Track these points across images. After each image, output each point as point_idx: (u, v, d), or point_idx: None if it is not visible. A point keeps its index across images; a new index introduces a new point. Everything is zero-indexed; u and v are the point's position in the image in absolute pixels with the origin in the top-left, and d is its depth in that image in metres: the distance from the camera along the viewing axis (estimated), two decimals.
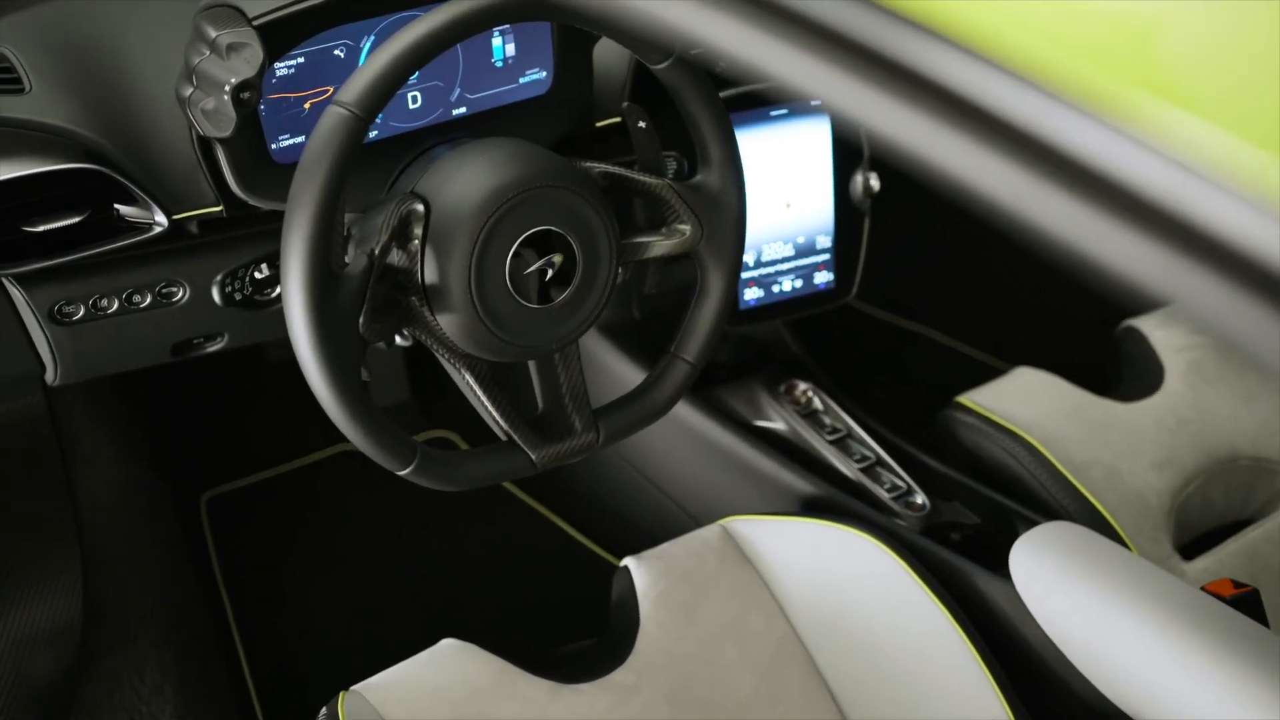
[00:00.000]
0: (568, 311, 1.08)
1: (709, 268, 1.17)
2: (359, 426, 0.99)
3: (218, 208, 1.14)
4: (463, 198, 1.02)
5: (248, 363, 1.96)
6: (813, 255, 1.57)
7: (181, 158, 1.13)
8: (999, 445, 1.50)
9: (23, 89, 1.11)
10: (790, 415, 1.57)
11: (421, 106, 1.18)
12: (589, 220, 1.07)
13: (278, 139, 1.12)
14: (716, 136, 1.13)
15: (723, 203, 1.15)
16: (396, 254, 1.03)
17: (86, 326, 1.17)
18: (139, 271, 1.16)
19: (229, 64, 1.01)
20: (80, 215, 1.09)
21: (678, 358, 1.18)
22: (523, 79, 1.23)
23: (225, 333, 1.25)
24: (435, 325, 1.05)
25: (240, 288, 1.21)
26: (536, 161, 1.06)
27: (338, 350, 0.96)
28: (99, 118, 1.11)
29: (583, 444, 1.13)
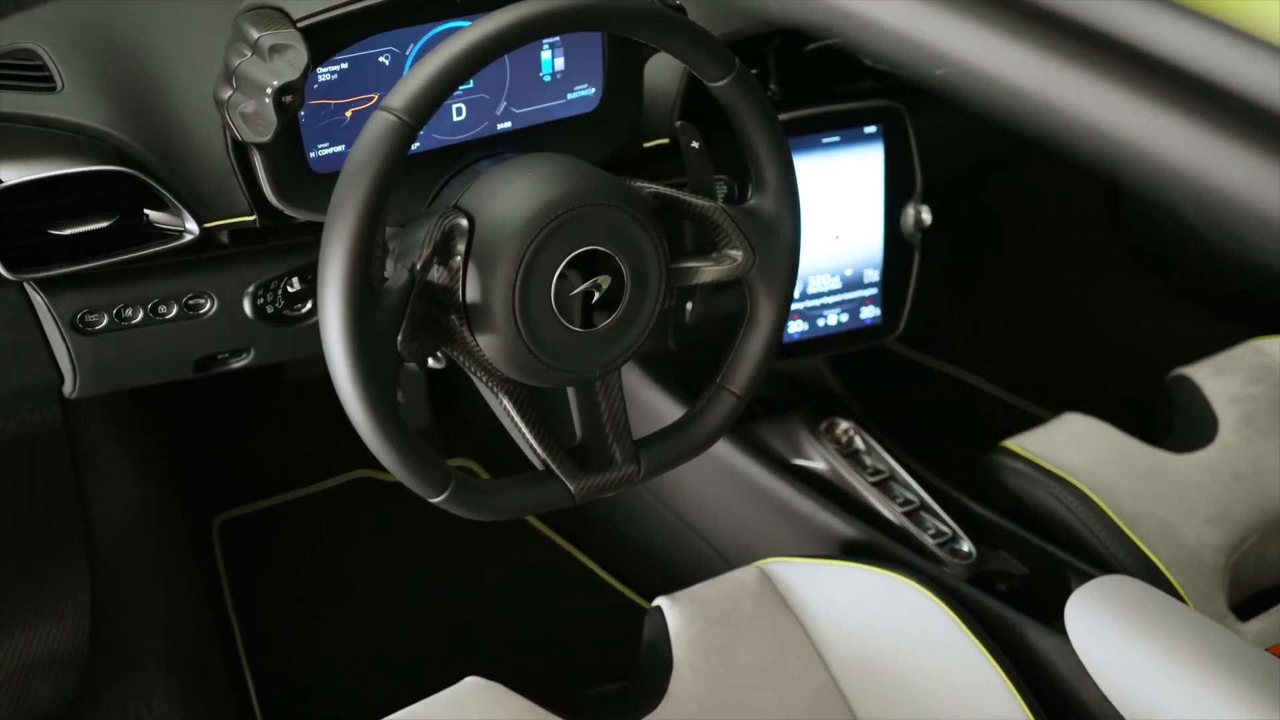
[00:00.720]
0: (613, 336, 1.04)
1: (759, 296, 1.13)
2: (393, 449, 0.95)
3: (251, 217, 1.11)
4: (509, 213, 0.98)
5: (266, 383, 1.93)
6: (860, 289, 1.53)
7: (215, 164, 1.09)
8: (1048, 492, 1.45)
9: (54, 87, 1.08)
10: (831, 455, 1.53)
11: (466, 119, 1.15)
12: (639, 242, 1.03)
13: (317, 147, 1.08)
14: (773, 159, 1.10)
15: (777, 229, 1.11)
16: (437, 270, 0.99)
17: (109, 337, 1.13)
18: (166, 281, 1.13)
19: (271, 66, 0.98)
20: (109, 220, 1.06)
21: (723, 389, 1.14)
22: (571, 95, 1.19)
23: (251, 348, 1.21)
24: (474, 346, 1.01)
25: (272, 300, 1.17)
26: (586, 178, 1.02)
27: (375, 367, 0.92)
28: (132, 119, 1.08)
29: (623, 476, 1.09)
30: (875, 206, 1.49)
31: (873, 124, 1.46)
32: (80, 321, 1.12)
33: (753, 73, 1.06)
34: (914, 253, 1.54)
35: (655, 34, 1.00)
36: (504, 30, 0.93)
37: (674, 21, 1.00)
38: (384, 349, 0.94)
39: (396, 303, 0.94)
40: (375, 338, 0.92)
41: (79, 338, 1.12)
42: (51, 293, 1.09)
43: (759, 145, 1.09)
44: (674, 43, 1.01)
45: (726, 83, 1.05)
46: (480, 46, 0.92)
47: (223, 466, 1.96)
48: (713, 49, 1.03)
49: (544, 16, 0.94)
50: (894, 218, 1.51)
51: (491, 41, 0.93)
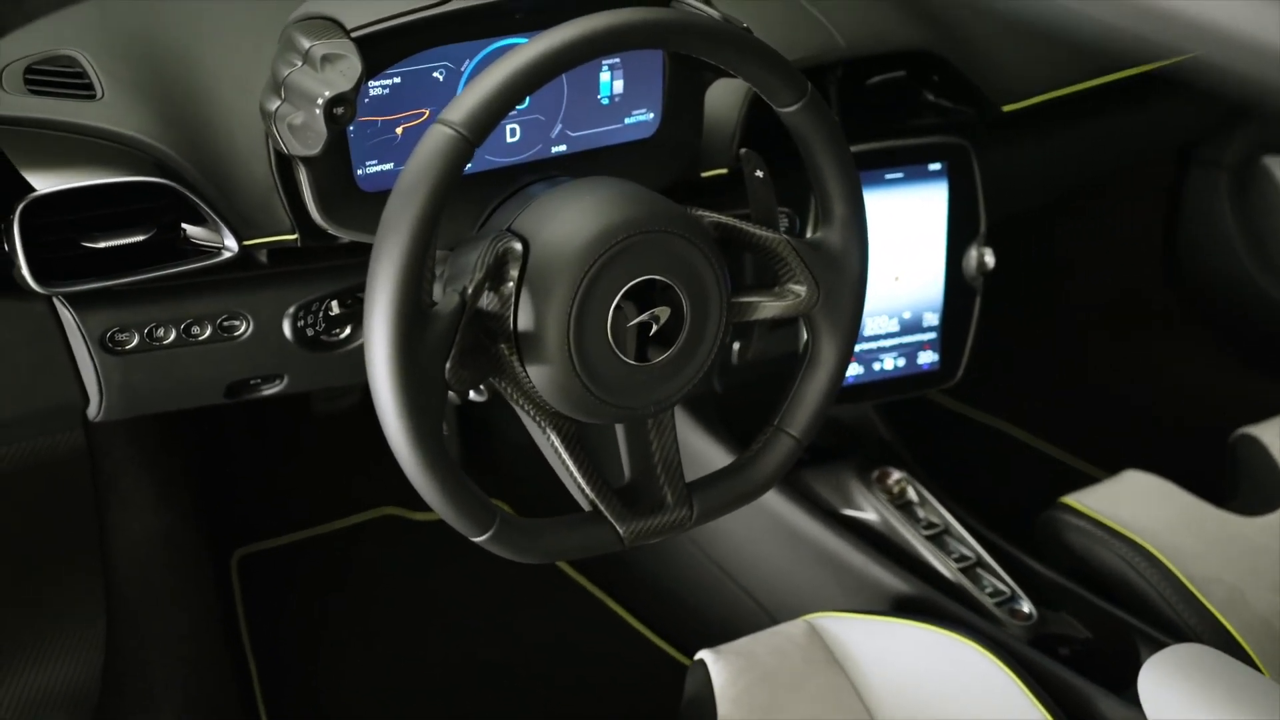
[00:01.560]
0: (669, 372, 0.99)
1: (822, 334, 1.08)
2: (437, 482, 0.90)
3: (292, 236, 1.07)
4: (566, 238, 0.94)
5: (293, 413, 1.89)
6: (918, 333, 1.48)
7: (257, 179, 1.06)
8: (1113, 552, 1.39)
9: (93, 95, 1.05)
10: (883, 506, 1.47)
11: (520, 141, 1.11)
12: (701, 272, 0.98)
13: (365, 164, 1.04)
14: (843, 191, 1.05)
15: (843, 264, 1.07)
16: (488, 297, 0.95)
17: (139, 357, 1.09)
18: (201, 300, 1.09)
19: (323, 76, 0.94)
20: (145, 233, 1.02)
21: (782, 431, 1.09)
22: (628, 119, 1.16)
23: (285, 374, 1.17)
24: (523, 377, 0.96)
25: (312, 323, 1.13)
26: (647, 204, 0.98)
27: (421, 394, 0.88)
28: (172, 130, 1.05)
29: (675, 520, 1.04)
30: (937, 247, 1.45)
31: (937, 161, 1.42)
32: (110, 340, 1.08)
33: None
34: (975, 297, 1.49)
35: (726, 54, 0.96)
36: (571, 44, 0.89)
37: (746, 42, 0.97)
38: (432, 375, 0.89)
39: (446, 327, 0.89)
40: (423, 363, 0.88)
41: (108, 357, 1.08)
42: (81, 309, 1.06)
43: (828, 176, 1.04)
44: (744, 64, 0.97)
45: (798, 108, 1.00)
46: (545, 60, 0.88)
47: (245, 498, 1.92)
48: (785, 72, 0.99)
49: (612, 31, 0.90)
50: (955, 259, 1.46)
51: (557, 55, 0.89)
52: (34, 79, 1.06)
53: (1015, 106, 1.47)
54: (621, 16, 0.91)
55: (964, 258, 1.47)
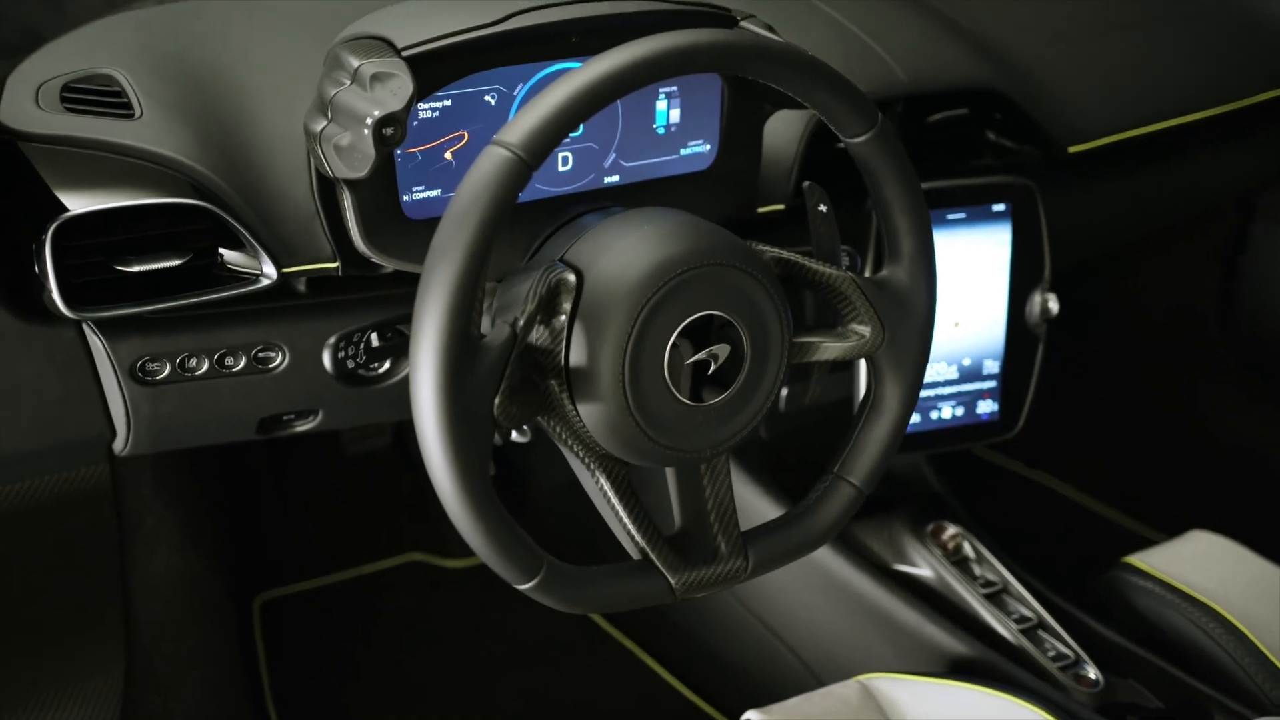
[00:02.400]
0: (727, 413, 0.95)
1: (886, 378, 1.04)
2: (483, 525, 0.86)
3: (333, 264, 1.04)
4: (623, 270, 0.90)
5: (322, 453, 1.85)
6: (978, 381, 1.43)
7: (299, 203, 1.03)
8: (1185, 616, 1.33)
9: (132, 114, 1.02)
10: (937, 562, 1.42)
11: (572, 170, 1.07)
12: (763, 309, 0.94)
13: (411, 190, 1.01)
14: (912, 227, 1.01)
15: (910, 304, 1.02)
16: (539, 330, 0.91)
17: (170, 389, 1.06)
18: (236, 329, 1.05)
19: (372, 95, 0.91)
20: (181, 258, 0.99)
21: (842, 479, 1.04)
22: (684, 150, 1.12)
23: (320, 410, 1.13)
24: (573, 415, 0.92)
25: (352, 355, 1.09)
26: (708, 236, 0.94)
27: (469, 430, 0.83)
28: (212, 151, 1.02)
29: (729, 571, 0.99)
30: (999, 292, 1.41)
31: (1001, 202, 1.38)
32: (140, 370, 1.04)
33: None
34: (1038, 345, 1.45)
35: (795, 80, 0.92)
36: (636, 64, 0.85)
37: (817, 67, 0.93)
38: (480, 411, 0.85)
39: (496, 360, 0.85)
40: (472, 397, 0.84)
41: (137, 388, 1.05)
42: (112, 336, 1.02)
43: (897, 211, 1.00)
44: (814, 91, 0.93)
45: (867, 139, 0.97)
46: (607, 81, 0.85)
47: (269, 540, 1.87)
48: (856, 100, 0.95)
49: (679, 52, 0.86)
50: (1018, 305, 1.42)
51: (620, 76, 0.85)
52: (71, 97, 1.03)
53: (1082, 148, 1.43)
54: (689, 37, 0.87)
55: (1027, 303, 1.42)
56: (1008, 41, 1.45)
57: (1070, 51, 1.49)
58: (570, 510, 0.99)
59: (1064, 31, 1.52)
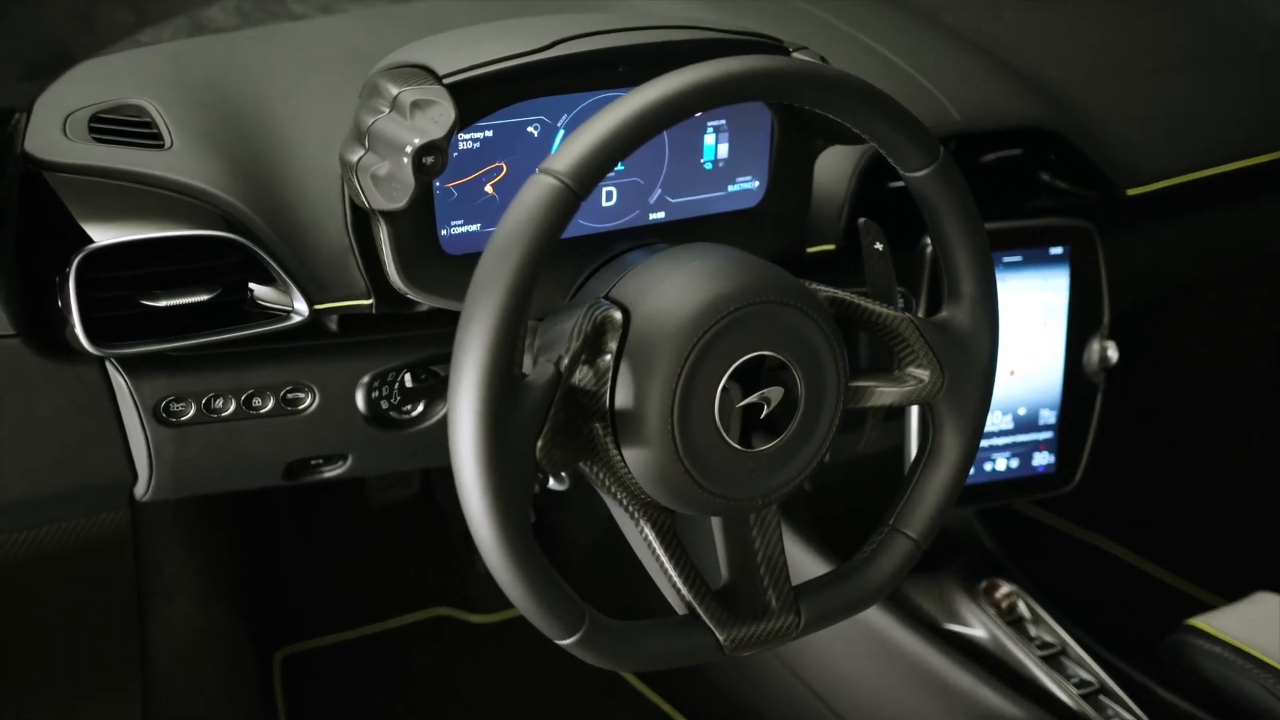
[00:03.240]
0: (780, 460, 0.91)
1: (946, 425, 1.00)
2: (523, 575, 0.82)
3: (366, 301, 1.01)
4: (672, 307, 0.87)
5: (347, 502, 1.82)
6: (1034, 432, 1.39)
7: (332, 238, 1.00)
8: (1257, 683, 1.27)
9: (161, 144, 1.01)
10: (992, 621, 1.37)
11: (616, 205, 1.04)
12: (818, 350, 0.91)
13: (450, 224, 0.98)
14: (974, 266, 0.97)
15: (972, 347, 0.99)
16: (583, 370, 0.87)
17: (195, 430, 1.03)
18: (265, 369, 1.03)
19: (413, 123, 0.88)
20: (209, 293, 0.96)
21: (898, 532, 1.00)
22: (732, 187, 1.09)
23: (350, 455, 1.10)
24: (618, 461, 0.88)
25: (387, 395, 1.06)
26: (760, 273, 0.91)
27: (511, 474, 0.80)
28: (243, 183, 1.00)
29: (780, 628, 0.95)
30: (1056, 338, 1.37)
31: (1059, 244, 1.34)
32: (164, 410, 1.01)
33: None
34: (1096, 394, 1.41)
35: (855, 110, 0.89)
36: (689, 91, 0.82)
37: (877, 98, 0.89)
38: (522, 454, 0.81)
39: (540, 400, 0.82)
40: (514, 439, 0.80)
41: (161, 429, 1.02)
42: (136, 374, 0.99)
43: (958, 248, 0.97)
44: (873, 122, 0.90)
45: (929, 173, 0.93)
46: (659, 107, 0.81)
47: (292, 593, 1.84)
48: (917, 132, 0.92)
49: (734, 79, 0.83)
50: (1076, 352, 1.38)
51: (671, 103, 0.82)
52: (100, 127, 1.02)
53: (1140, 191, 1.40)
54: (745, 63, 0.84)
55: (1086, 351, 1.38)
56: (1062, 81, 1.43)
57: (1127, 92, 1.46)
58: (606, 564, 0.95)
59: (1120, 71, 1.49)
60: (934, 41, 1.43)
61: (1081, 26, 1.60)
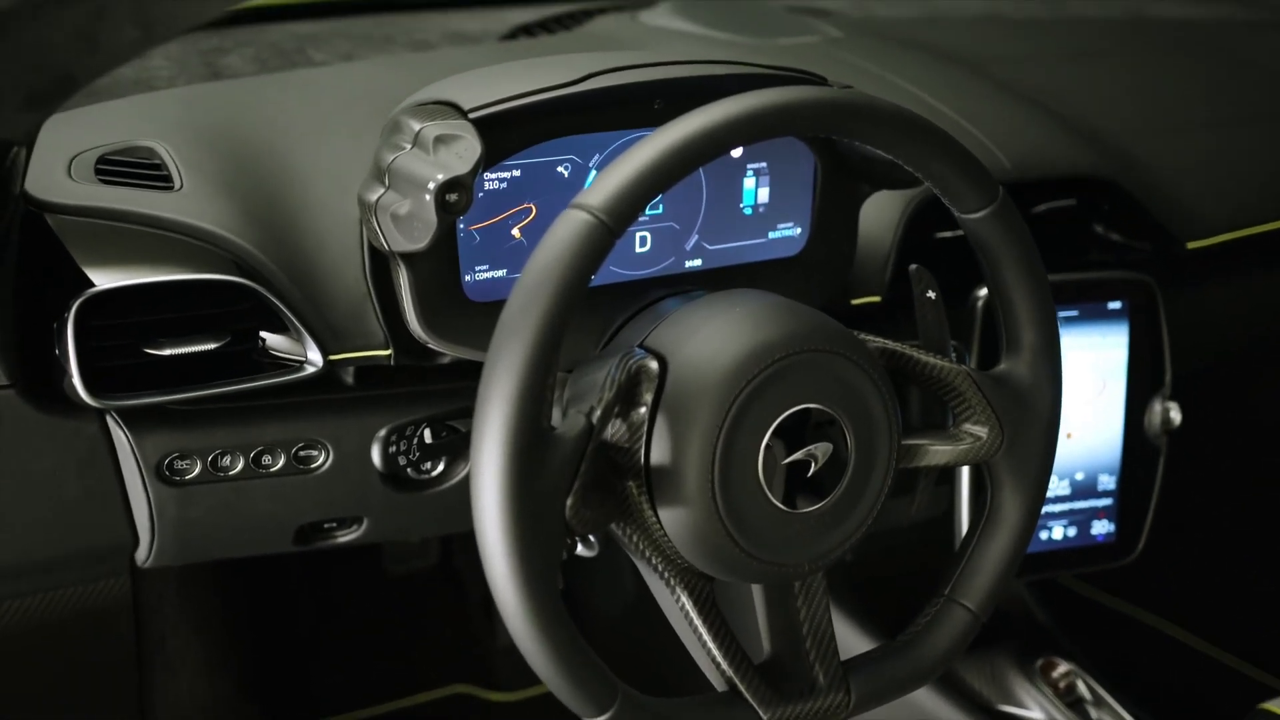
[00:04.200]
0: (828, 523, 0.86)
1: (1005, 486, 0.95)
2: (550, 645, 0.76)
3: (385, 351, 0.97)
4: (712, 356, 0.82)
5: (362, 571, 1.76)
6: (1092, 498, 1.33)
7: (349, 285, 0.96)
8: None
9: (171, 186, 0.97)
10: (1049, 703, 1.32)
11: (650, 251, 1.00)
12: (870, 404, 0.86)
13: (474, 269, 0.94)
14: (1035, 315, 0.93)
15: (1034, 402, 0.94)
16: (616, 424, 0.82)
17: (200, 490, 0.98)
18: (276, 424, 0.98)
19: (436, 159, 0.84)
20: (218, 341, 0.92)
21: (955, 603, 0.95)
22: (773, 234, 1.04)
23: (365, 518, 1.05)
24: (653, 522, 0.83)
25: (405, 451, 1.01)
26: (807, 320, 0.86)
27: (538, 534, 0.74)
28: (256, 226, 0.96)
29: (828, 707, 0.89)
30: (1115, 399, 1.31)
31: (1117, 299, 1.29)
32: (168, 468, 0.97)
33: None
34: (1158, 459, 1.35)
35: (906, 146, 0.85)
36: (731, 122, 0.77)
37: (933, 133, 0.85)
38: (551, 513, 0.76)
39: (570, 454, 0.77)
40: (542, 496, 0.75)
41: (164, 488, 0.97)
42: (138, 429, 0.95)
43: (1018, 296, 0.92)
44: (928, 160, 0.86)
45: (986, 214, 0.89)
46: (699, 140, 0.77)
47: (301, 668, 1.77)
48: (975, 171, 0.87)
49: (777, 110, 0.79)
50: (1137, 414, 1.32)
51: (713, 135, 0.77)
52: (106, 169, 0.98)
53: (1202, 244, 1.35)
54: (791, 94, 0.80)
55: (1147, 412, 1.33)
56: (1115, 132, 1.39)
57: (1185, 144, 1.42)
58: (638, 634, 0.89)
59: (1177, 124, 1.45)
60: (980, 90, 1.39)
61: (1133, 81, 1.57)
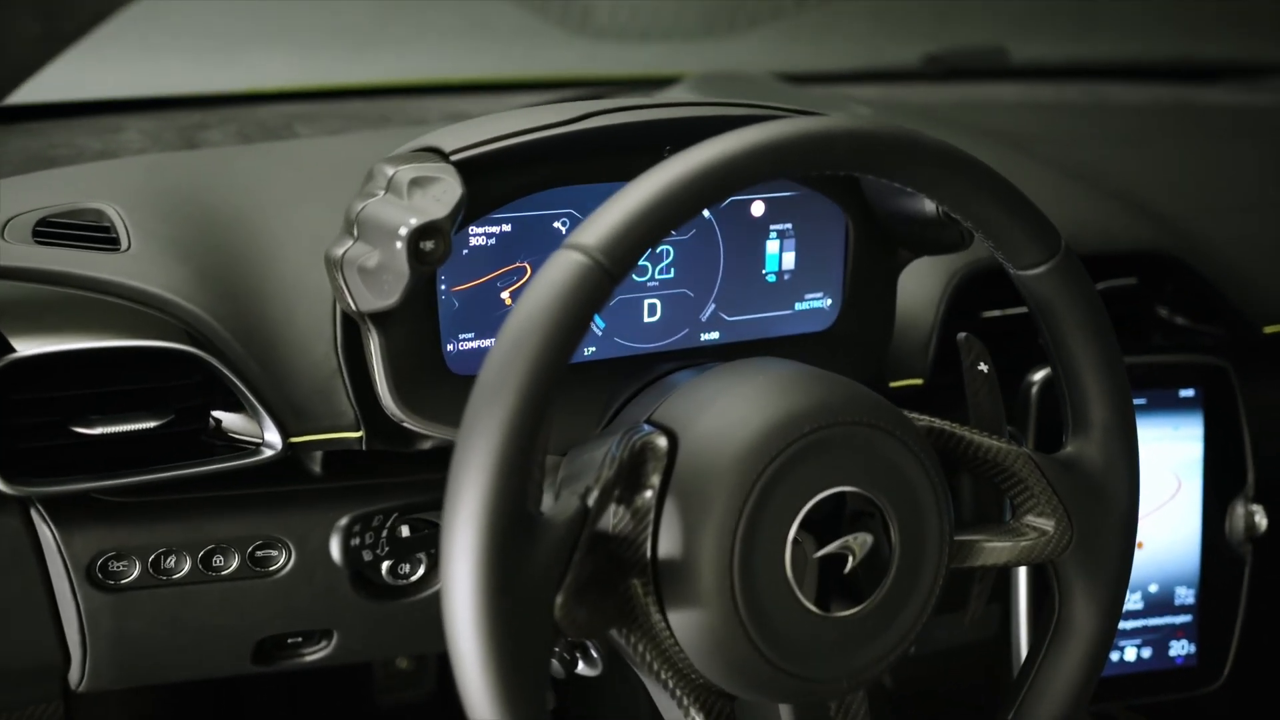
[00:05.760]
0: (870, 630, 0.76)
1: (1076, 590, 0.85)
2: None
3: (355, 433, 0.87)
4: (730, 429, 0.72)
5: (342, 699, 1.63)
6: (1169, 615, 1.21)
7: (318, 359, 0.88)
8: None
9: (117, 247, 0.89)
10: None
11: (660, 321, 0.90)
12: (917, 488, 0.76)
13: (457, 337, 0.84)
14: (1105, 387, 0.82)
15: (1107, 490, 0.83)
16: (618, 511, 0.72)
17: (140, 597, 0.88)
18: (229, 519, 0.89)
19: (410, 203, 0.76)
20: (159, 420, 0.84)
21: None
22: (799, 304, 0.95)
23: (335, 632, 0.95)
24: (662, 629, 0.73)
25: (372, 545, 0.90)
26: (842, 390, 0.76)
27: (521, 642, 0.63)
28: (212, 291, 0.88)
29: None
30: (1190, 500, 1.20)
31: (1190, 386, 1.19)
32: (101, 570, 0.87)
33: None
34: (1243, 569, 1.23)
35: (953, 188, 0.75)
36: (752, 152, 0.68)
37: (984, 174, 0.76)
38: (537, 613, 0.65)
39: (560, 542, 0.66)
40: (526, 593, 0.64)
41: (97, 595, 0.87)
42: (66, 523, 0.86)
43: (1086, 365, 0.82)
44: (980, 204, 0.76)
45: (1047, 269, 0.79)
46: (715, 171, 0.67)
47: None
48: (1035, 219, 0.78)
49: (806, 141, 0.69)
50: (1216, 518, 1.21)
51: (731, 166, 0.68)
52: (45, 230, 0.91)
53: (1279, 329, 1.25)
54: (823, 124, 0.71)
55: (1227, 516, 1.22)
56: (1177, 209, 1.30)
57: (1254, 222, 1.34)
58: None
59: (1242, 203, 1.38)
60: (1025, 164, 1.31)
61: (1189, 162, 1.50)
